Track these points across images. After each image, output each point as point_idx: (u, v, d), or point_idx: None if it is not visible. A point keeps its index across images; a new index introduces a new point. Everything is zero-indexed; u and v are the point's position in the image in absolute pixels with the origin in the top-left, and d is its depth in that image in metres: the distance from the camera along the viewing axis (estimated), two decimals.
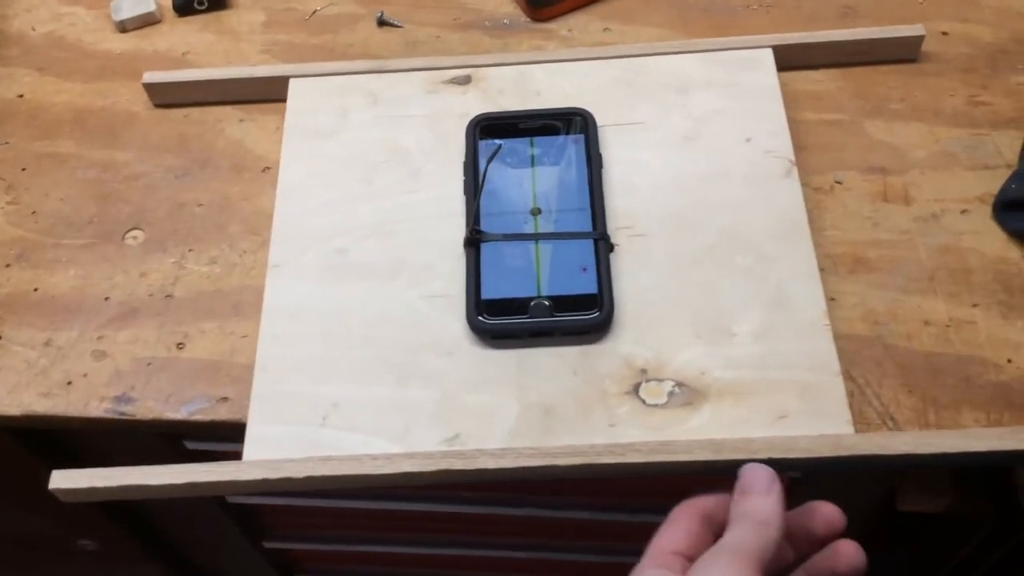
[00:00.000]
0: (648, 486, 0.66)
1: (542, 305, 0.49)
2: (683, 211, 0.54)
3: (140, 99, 0.64)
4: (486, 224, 0.52)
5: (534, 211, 0.53)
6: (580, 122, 0.56)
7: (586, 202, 0.53)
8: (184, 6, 0.69)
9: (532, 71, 0.60)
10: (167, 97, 0.63)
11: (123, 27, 0.68)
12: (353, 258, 0.53)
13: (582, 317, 0.49)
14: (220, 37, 0.68)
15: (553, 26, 0.66)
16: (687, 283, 0.51)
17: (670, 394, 0.47)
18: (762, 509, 0.38)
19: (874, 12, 0.64)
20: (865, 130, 0.58)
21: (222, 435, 0.50)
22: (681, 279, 0.51)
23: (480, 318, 0.49)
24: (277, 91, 0.61)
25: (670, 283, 0.51)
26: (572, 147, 0.55)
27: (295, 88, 0.61)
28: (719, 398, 0.47)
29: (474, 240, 0.52)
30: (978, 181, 0.55)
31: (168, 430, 0.51)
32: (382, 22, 0.67)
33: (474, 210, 0.53)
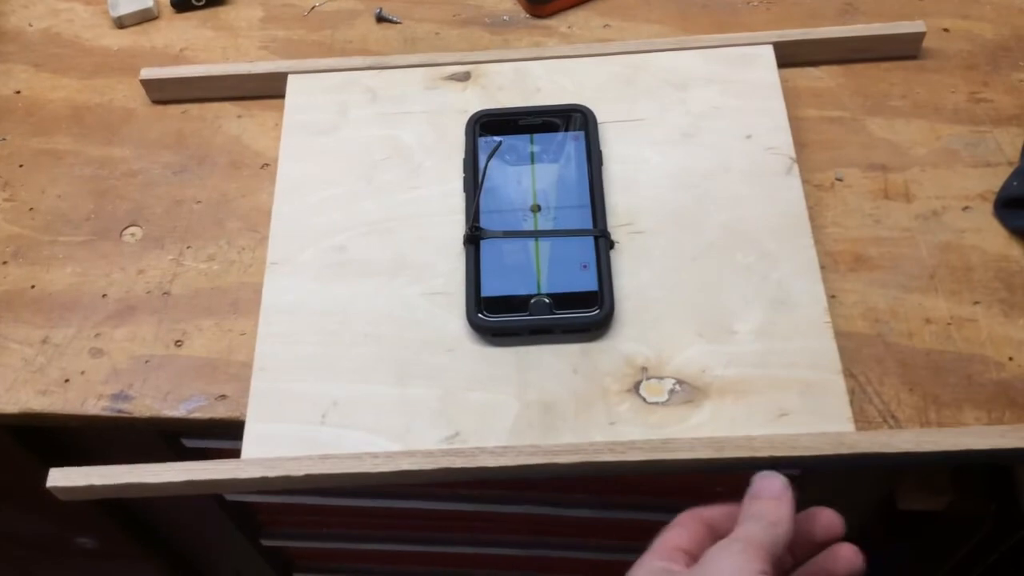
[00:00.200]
0: (649, 483, 0.65)
1: (542, 303, 0.49)
2: (684, 208, 0.53)
3: (138, 95, 0.63)
4: (486, 221, 0.52)
5: (534, 208, 0.53)
6: (580, 119, 0.56)
7: (586, 199, 0.53)
8: (182, 2, 0.68)
9: (532, 68, 0.60)
10: (165, 93, 0.63)
11: (120, 23, 0.68)
12: (352, 255, 0.53)
13: (582, 315, 0.48)
14: (218, 33, 0.67)
15: (553, 22, 0.66)
16: (688, 281, 0.51)
17: (671, 392, 0.47)
18: (773, 511, 0.39)
19: (875, 8, 0.64)
20: (866, 127, 0.58)
21: (220, 433, 0.50)
22: (682, 277, 0.51)
23: (480, 316, 0.49)
24: (275, 87, 0.61)
25: (670, 281, 0.51)
26: (572, 144, 0.55)
27: (294, 84, 0.60)
28: (720, 396, 0.47)
29: (474, 237, 0.51)
30: (979, 178, 0.55)
31: (166, 428, 0.51)
32: (381, 18, 0.67)
33: (474, 207, 0.53)
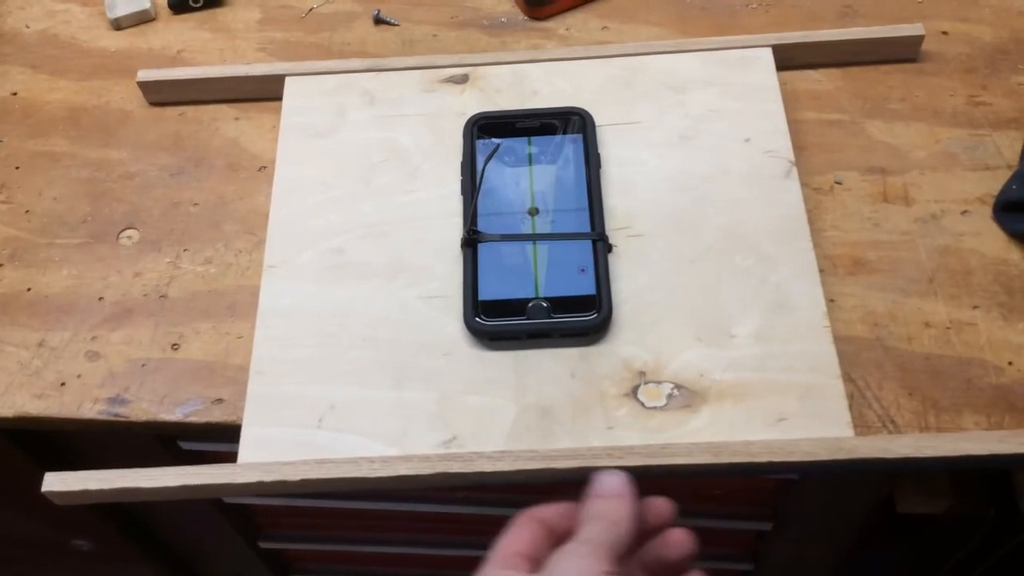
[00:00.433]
0: (646, 486, 0.65)
1: (540, 306, 0.49)
2: (682, 211, 0.53)
3: (135, 97, 0.63)
4: (484, 224, 0.52)
5: (532, 211, 0.53)
6: (578, 121, 0.56)
7: (584, 202, 0.53)
8: (179, 4, 0.68)
9: (530, 70, 0.60)
10: (162, 95, 0.62)
11: (118, 25, 0.68)
12: (350, 258, 0.53)
13: (580, 318, 0.48)
14: (215, 35, 0.67)
15: (551, 25, 0.66)
16: (686, 284, 0.50)
17: (669, 396, 0.47)
18: (615, 509, 0.40)
19: (874, 11, 0.64)
20: (865, 130, 0.58)
21: (217, 436, 0.50)
22: (680, 280, 0.51)
23: (478, 319, 0.49)
24: (273, 89, 0.61)
25: (669, 284, 0.51)
26: (570, 147, 0.55)
27: (291, 87, 0.60)
28: (718, 400, 0.47)
29: (471, 240, 0.51)
30: (978, 182, 0.55)
31: (162, 432, 0.51)
32: (379, 20, 0.67)
33: (471, 210, 0.52)
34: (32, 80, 0.65)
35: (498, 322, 0.49)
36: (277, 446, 0.47)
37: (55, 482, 0.46)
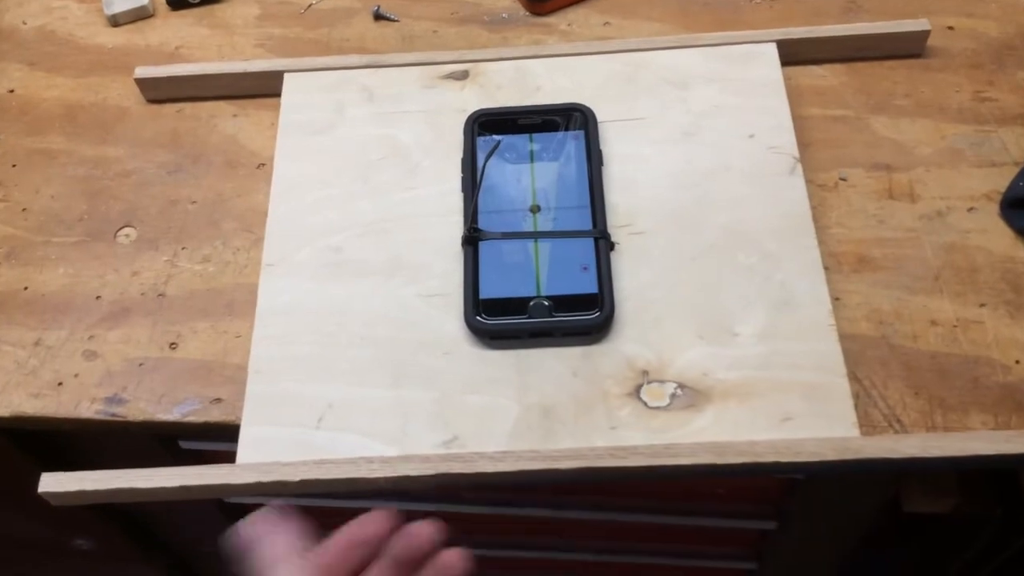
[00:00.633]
0: (650, 486, 0.65)
1: (541, 305, 0.48)
2: (685, 208, 0.53)
3: (132, 94, 0.63)
4: (484, 222, 0.52)
5: (533, 208, 0.52)
6: (580, 118, 0.55)
7: (586, 199, 0.52)
8: (177, 0, 0.68)
9: (531, 66, 0.59)
10: (159, 92, 0.62)
11: (115, 21, 0.67)
12: (349, 256, 0.52)
13: (582, 317, 0.48)
14: (213, 31, 0.67)
15: (552, 20, 0.65)
16: (689, 282, 0.50)
17: (672, 396, 0.46)
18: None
19: (878, 7, 0.63)
20: (870, 126, 0.57)
21: (216, 435, 0.49)
22: (683, 278, 0.50)
23: (478, 318, 0.48)
24: (272, 86, 0.60)
25: (672, 282, 0.50)
26: (572, 143, 0.55)
27: (290, 83, 0.60)
28: (722, 400, 0.46)
29: (472, 238, 0.51)
30: (985, 178, 0.54)
31: (160, 431, 0.50)
32: (378, 16, 0.66)
33: (472, 208, 0.52)
34: (29, 77, 0.65)
35: (499, 321, 0.48)
36: (276, 445, 0.46)
37: (51, 483, 0.46)
